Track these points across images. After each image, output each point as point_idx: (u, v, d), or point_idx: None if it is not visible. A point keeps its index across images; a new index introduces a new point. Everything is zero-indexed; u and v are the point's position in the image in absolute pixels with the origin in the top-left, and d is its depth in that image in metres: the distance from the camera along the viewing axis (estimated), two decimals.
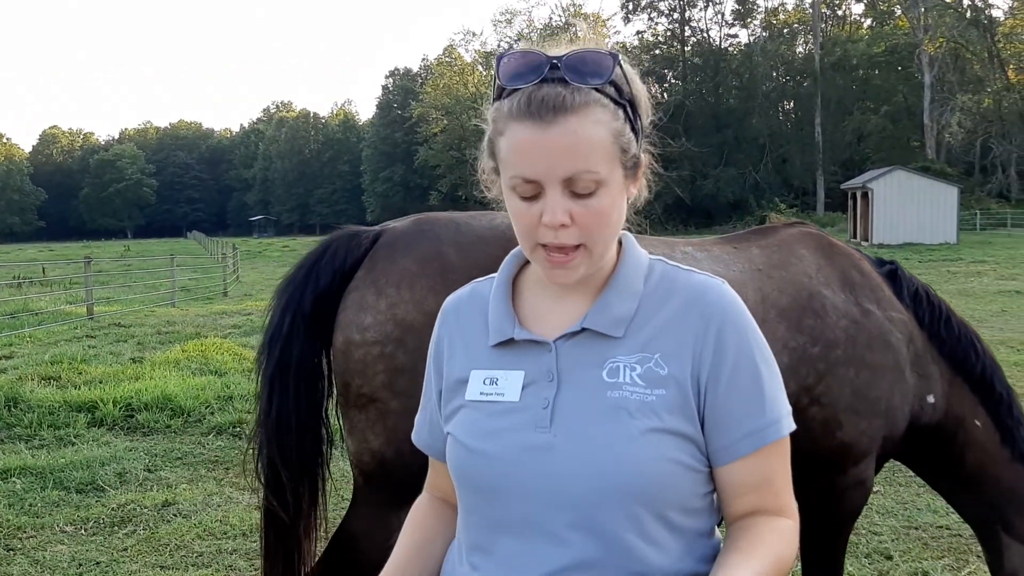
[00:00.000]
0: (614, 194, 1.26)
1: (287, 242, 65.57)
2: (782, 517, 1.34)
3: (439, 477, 1.51)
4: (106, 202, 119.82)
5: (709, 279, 1.36)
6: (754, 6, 74.18)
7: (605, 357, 1.30)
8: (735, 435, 1.29)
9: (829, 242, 2.96)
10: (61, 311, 16.37)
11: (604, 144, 1.23)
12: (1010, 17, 63.22)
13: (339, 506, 5.38)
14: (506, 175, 1.26)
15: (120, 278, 25.69)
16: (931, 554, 4.51)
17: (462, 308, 1.46)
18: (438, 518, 1.49)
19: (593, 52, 1.24)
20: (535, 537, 1.27)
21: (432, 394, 1.47)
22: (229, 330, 13.35)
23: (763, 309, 2.66)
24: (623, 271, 1.35)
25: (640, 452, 1.24)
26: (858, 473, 2.79)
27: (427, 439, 1.50)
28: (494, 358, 1.37)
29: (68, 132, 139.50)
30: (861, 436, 2.73)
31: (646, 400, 1.26)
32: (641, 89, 1.31)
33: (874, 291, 2.84)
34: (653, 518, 1.26)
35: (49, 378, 8.92)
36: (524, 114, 1.22)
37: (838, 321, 2.72)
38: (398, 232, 2.57)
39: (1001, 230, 44.17)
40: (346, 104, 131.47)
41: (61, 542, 4.84)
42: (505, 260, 1.45)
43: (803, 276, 2.78)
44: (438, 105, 77.34)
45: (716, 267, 2.74)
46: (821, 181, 64.26)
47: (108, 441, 6.81)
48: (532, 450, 1.27)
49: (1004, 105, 59.09)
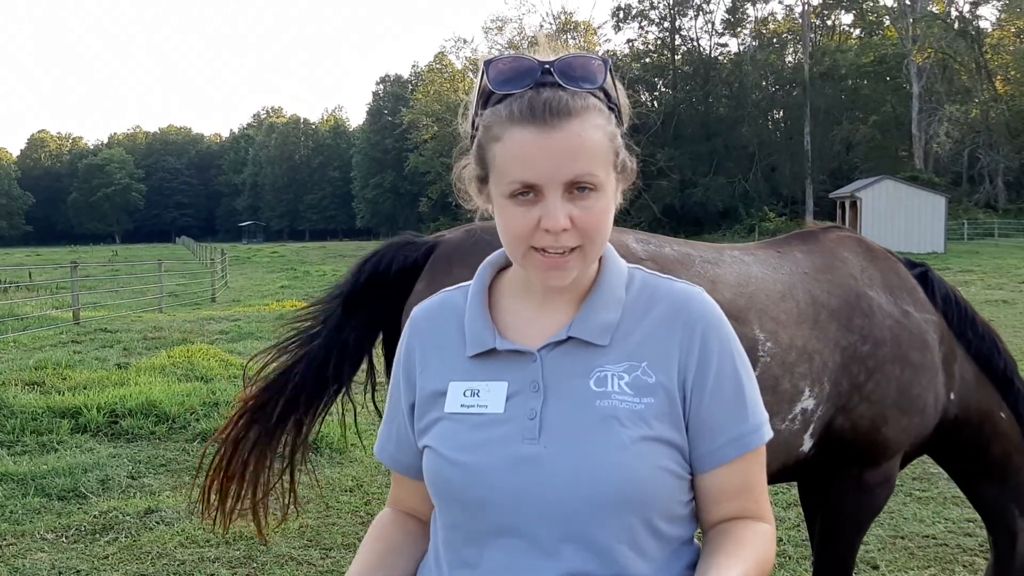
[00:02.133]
0: (609, 197, 1.26)
1: (276, 248, 65.43)
2: (761, 521, 1.34)
3: (404, 491, 1.48)
4: (94, 207, 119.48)
5: (690, 287, 1.36)
6: (744, 16, 74.49)
7: (592, 366, 1.29)
8: (719, 441, 1.29)
9: (868, 245, 3.09)
10: (47, 316, 16.27)
11: (602, 148, 1.23)
12: (998, 28, 63.79)
13: (327, 516, 5.35)
14: (502, 181, 1.24)
15: (107, 283, 25.56)
16: (917, 564, 4.50)
17: (433, 318, 1.43)
18: (402, 530, 1.46)
19: (583, 57, 1.24)
20: (524, 550, 1.25)
21: (400, 407, 1.43)
22: (216, 336, 13.28)
23: (814, 310, 2.80)
24: (606, 279, 1.34)
25: (633, 461, 1.23)
26: (888, 469, 2.93)
27: (393, 453, 1.46)
28: (473, 369, 1.34)
29: (57, 136, 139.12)
30: (902, 433, 2.87)
31: (635, 408, 1.26)
32: (624, 95, 1.32)
33: (910, 293, 2.98)
34: (643, 527, 1.26)
35: (33, 383, 8.83)
36: (528, 118, 1.21)
37: (884, 320, 2.85)
38: (452, 243, 2.70)
39: (988, 240, 44.44)
40: (336, 110, 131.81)
41: (42, 550, 4.79)
42: (479, 269, 1.43)
43: (849, 278, 2.91)
44: (429, 112, 77.23)
45: (764, 270, 2.86)
46: (810, 190, 64.47)
47: (91, 448, 6.74)
48: (521, 461, 1.25)
49: (992, 116, 59.47)
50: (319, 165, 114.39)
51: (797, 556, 4.57)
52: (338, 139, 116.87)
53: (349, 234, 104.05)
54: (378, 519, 1.50)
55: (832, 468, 2.91)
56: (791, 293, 2.81)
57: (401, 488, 1.49)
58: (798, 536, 4.83)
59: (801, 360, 2.71)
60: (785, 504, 5.34)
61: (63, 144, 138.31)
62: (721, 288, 2.70)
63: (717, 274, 2.75)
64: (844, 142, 65.93)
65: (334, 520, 5.24)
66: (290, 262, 42.12)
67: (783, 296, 2.79)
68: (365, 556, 1.41)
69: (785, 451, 2.75)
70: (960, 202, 52.24)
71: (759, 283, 2.79)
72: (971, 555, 4.60)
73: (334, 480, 6.00)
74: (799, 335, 2.74)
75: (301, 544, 4.86)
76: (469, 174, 1.33)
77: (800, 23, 70.86)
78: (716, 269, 2.77)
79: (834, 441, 2.82)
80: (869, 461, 2.88)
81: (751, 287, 2.77)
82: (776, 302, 2.76)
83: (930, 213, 38.16)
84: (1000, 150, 57.11)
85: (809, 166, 64.57)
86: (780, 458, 2.75)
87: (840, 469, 2.91)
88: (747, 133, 67.65)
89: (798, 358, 2.71)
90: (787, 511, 5.25)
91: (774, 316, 2.73)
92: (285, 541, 4.88)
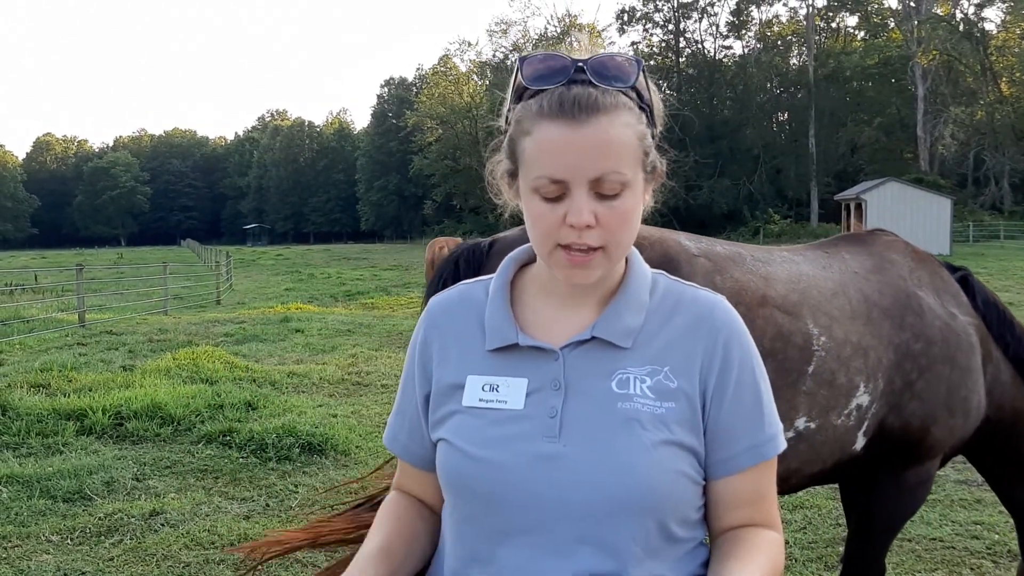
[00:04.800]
0: (637, 197, 1.26)
1: (281, 250, 65.55)
2: (771, 529, 1.34)
3: (411, 480, 1.47)
4: (100, 209, 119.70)
5: (714, 296, 1.37)
6: (748, 18, 74.49)
7: (614, 368, 1.29)
8: (736, 448, 1.30)
9: (913, 248, 3.13)
10: (52, 318, 16.30)
11: (631, 146, 1.23)
12: (1003, 30, 63.61)
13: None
14: (530, 175, 1.24)
15: (112, 286, 25.57)
16: (924, 567, 4.48)
17: (452, 310, 1.42)
18: (417, 515, 1.44)
19: (617, 56, 1.25)
20: (538, 548, 1.25)
21: (415, 397, 1.42)
22: (221, 338, 13.29)
23: (867, 308, 2.83)
24: (632, 282, 1.34)
25: (654, 464, 1.23)
26: (929, 468, 2.96)
27: (405, 443, 1.45)
28: (492, 364, 1.33)
29: (62, 139, 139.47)
30: (948, 433, 2.90)
31: (656, 412, 1.26)
32: (657, 96, 1.32)
33: (954, 296, 3.02)
34: (658, 530, 1.26)
35: (38, 386, 8.84)
36: (556, 113, 1.21)
37: (934, 321, 2.88)
38: (509, 240, 2.73)
39: (994, 242, 44.29)
40: (341, 113, 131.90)
41: (47, 552, 4.79)
42: (502, 263, 1.42)
43: (899, 279, 2.95)
44: (433, 114, 77.34)
45: (814, 269, 2.90)
46: (815, 192, 64.44)
47: (97, 449, 6.75)
48: (541, 460, 1.25)
49: (997, 118, 59.32)
50: (323, 168, 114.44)
51: (803, 559, 4.56)
52: (342, 142, 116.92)
53: (354, 237, 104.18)
54: (390, 501, 1.48)
55: (877, 466, 2.93)
56: (843, 291, 2.85)
57: (408, 477, 1.48)
58: (804, 539, 4.82)
59: (856, 355, 2.74)
60: (791, 506, 5.33)
61: (68, 147, 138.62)
62: (774, 284, 2.73)
63: (769, 271, 2.78)
64: (849, 144, 65.90)
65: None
66: (295, 265, 42.15)
67: (835, 293, 2.83)
68: (380, 539, 1.38)
69: (840, 447, 2.77)
70: (965, 204, 52.10)
71: (810, 280, 2.83)
72: (978, 558, 4.58)
73: (339, 482, 6.00)
74: (853, 331, 2.77)
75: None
76: (501, 169, 1.33)
77: (804, 25, 70.85)
78: (768, 267, 2.81)
79: (884, 440, 2.84)
80: (914, 460, 2.90)
81: (803, 283, 2.80)
82: (828, 298, 2.80)
83: (935, 215, 38.09)
84: (1005, 152, 56.99)
85: (814, 168, 64.51)
86: (835, 454, 2.77)
87: (884, 468, 2.92)
88: (752, 135, 67.53)
89: (853, 353, 2.74)
90: (793, 513, 5.23)
91: (827, 312, 2.76)
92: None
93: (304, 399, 8.59)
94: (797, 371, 2.65)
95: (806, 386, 2.65)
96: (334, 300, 21.91)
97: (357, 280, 29.41)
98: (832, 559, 4.56)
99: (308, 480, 6.07)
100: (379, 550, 1.35)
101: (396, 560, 1.35)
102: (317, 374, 9.96)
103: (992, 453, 3.21)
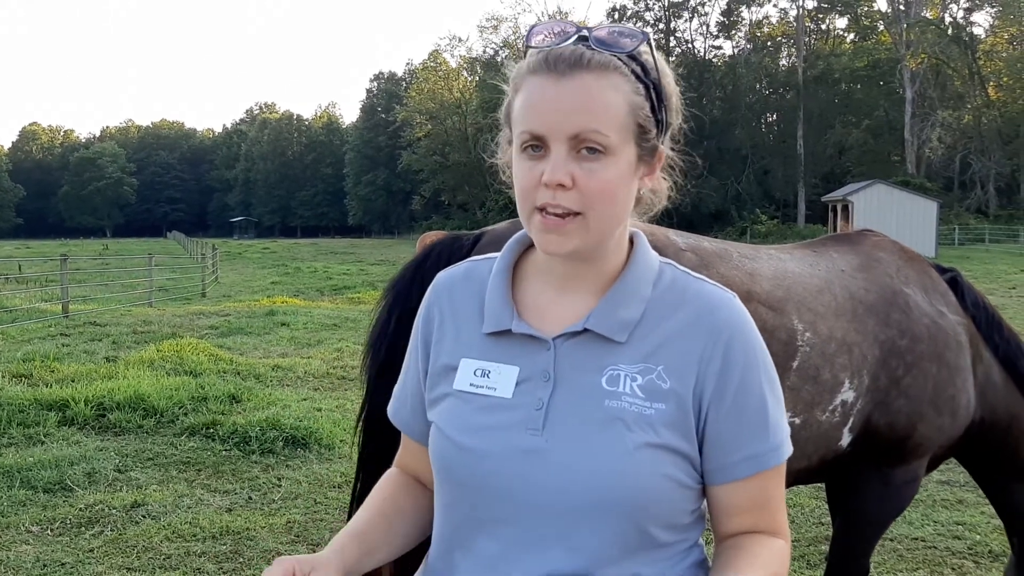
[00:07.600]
0: (622, 169, 1.20)
1: (268, 244, 65.25)
2: (776, 537, 1.31)
3: (411, 456, 1.46)
4: (86, 200, 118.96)
5: (721, 292, 1.31)
6: (739, 18, 74.67)
7: (605, 363, 1.25)
8: (734, 457, 1.25)
9: (901, 247, 3.14)
10: (36, 309, 16.19)
11: (618, 111, 1.18)
12: (991, 35, 64.03)
13: (315, 512, 5.32)
14: (516, 133, 1.22)
15: (97, 277, 25.40)
16: (906, 566, 4.50)
17: (456, 287, 1.40)
18: (408, 493, 1.44)
19: (623, 27, 1.22)
20: (513, 541, 1.23)
21: (417, 372, 1.41)
22: (206, 331, 13.22)
23: (852, 305, 2.84)
24: (632, 272, 1.29)
25: (634, 467, 1.19)
26: (916, 468, 2.96)
27: (407, 417, 1.44)
28: (486, 348, 1.31)
29: (48, 129, 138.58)
30: (936, 432, 2.89)
31: (644, 413, 1.22)
32: (671, 83, 1.28)
33: (943, 295, 3.02)
34: (637, 533, 1.22)
35: (20, 376, 8.78)
36: (540, 67, 1.19)
37: (920, 318, 2.88)
38: (498, 233, 2.68)
39: (979, 245, 44.60)
40: (330, 106, 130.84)
41: (26, 542, 4.75)
42: (507, 244, 1.39)
43: (885, 276, 2.96)
44: (422, 110, 77.25)
45: (801, 266, 2.90)
46: (802, 193, 64.67)
47: (78, 440, 6.70)
48: (521, 453, 1.23)
49: (984, 122, 59.71)
50: (312, 162, 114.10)
51: (794, 555, 4.56)
52: (331, 136, 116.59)
53: (341, 231, 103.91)
54: (384, 479, 1.47)
55: (863, 464, 2.93)
56: (828, 288, 2.86)
57: (407, 452, 1.47)
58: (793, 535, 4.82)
59: (840, 351, 2.75)
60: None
61: (55, 137, 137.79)
62: (759, 280, 2.73)
63: (755, 268, 2.78)
64: (837, 146, 66.11)
65: (321, 516, 5.21)
66: (281, 258, 42.00)
67: (820, 290, 2.83)
68: (369, 512, 1.40)
69: (826, 444, 2.78)
70: (951, 207, 52.42)
71: (796, 277, 2.84)
72: (959, 558, 4.61)
73: (322, 476, 5.98)
74: (838, 327, 2.77)
75: (288, 539, 4.84)
76: (503, 141, 1.32)
77: (794, 27, 71.03)
78: (754, 264, 2.80)
79: (870, 437, 2.84)
80: (900, 459, 2.90)
81: (788, 280, 2.81)
82: (814, 295, 2.80)
83: (921, 218, 38.29)
84: (992, 156, 57.35)
85: (802, 169, 64.76)
86: (821, 451, 2.78)
87: (870, 466, 2.93)
88: (740, 136, 67.71)
89: (837, 349, 2.74)
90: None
91: (812, 308, 2.76)
92: (272, 536, 4.85)
93: (288, 392, 8.56)
94: (781, 366, 2.65)
95: (790, 381, 2.65)
96: (320, 294, 21.85)
97: (344, 274, 29.34)
98: (814, 557, 4.57)
99: (291, 473, 6.04)
100: (356, 531, 1.36)
101: (371, 541, 1.36)
102: (302, 368, 9.92)
103: (986, 456, 3.21)
